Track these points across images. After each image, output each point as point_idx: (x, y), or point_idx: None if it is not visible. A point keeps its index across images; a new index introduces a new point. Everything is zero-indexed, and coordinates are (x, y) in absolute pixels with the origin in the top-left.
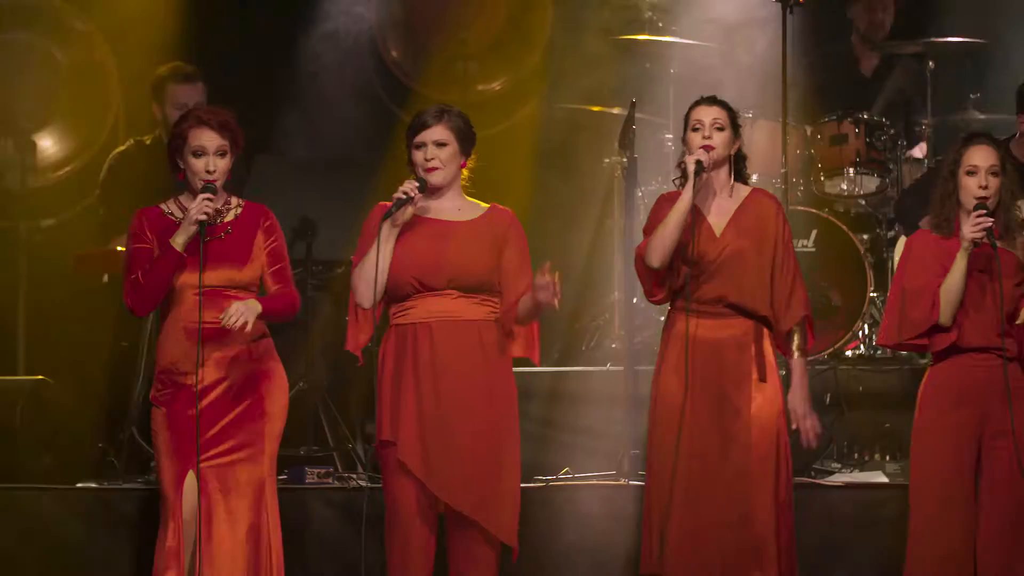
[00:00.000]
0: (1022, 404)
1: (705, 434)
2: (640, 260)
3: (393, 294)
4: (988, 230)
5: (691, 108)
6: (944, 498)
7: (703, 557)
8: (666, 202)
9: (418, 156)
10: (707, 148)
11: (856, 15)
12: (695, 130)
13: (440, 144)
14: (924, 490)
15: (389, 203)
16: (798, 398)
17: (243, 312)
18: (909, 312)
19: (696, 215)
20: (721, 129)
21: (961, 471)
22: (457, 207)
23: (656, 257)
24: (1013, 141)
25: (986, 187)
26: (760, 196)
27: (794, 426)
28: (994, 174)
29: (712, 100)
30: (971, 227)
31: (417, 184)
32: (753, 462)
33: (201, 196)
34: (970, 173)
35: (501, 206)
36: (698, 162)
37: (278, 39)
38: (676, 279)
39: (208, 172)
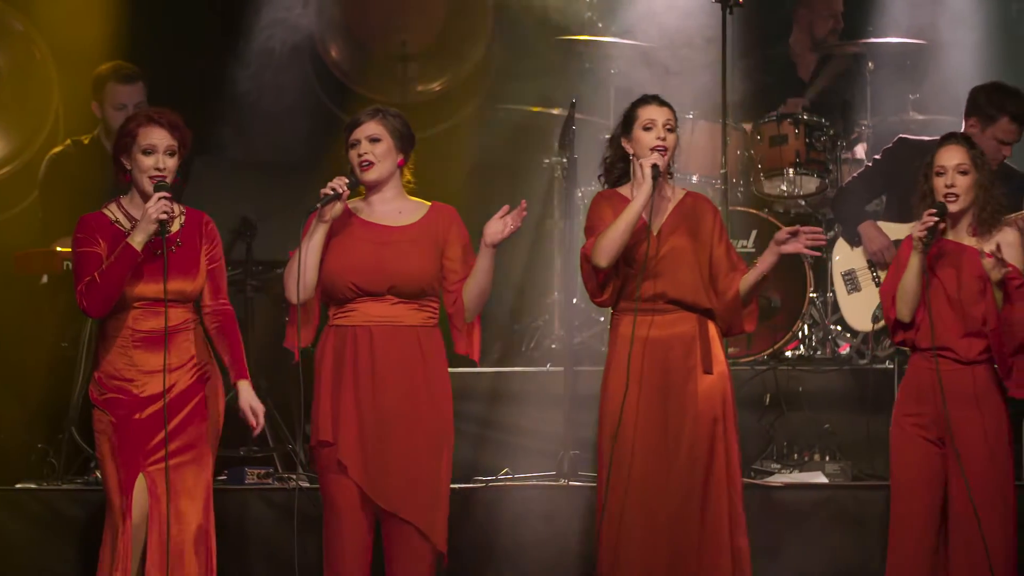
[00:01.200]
0: (987, 407)
1: (654, 431)
2: (586, 261)
3: (332, 297)
4: (931, 229)
5: (638, 106)
6: (913, 496)
7: (657, 554)
8: (604, 201)
9: (352, 155)
10: (661, 151)
11: (812, 21)
12: (647, 129)
13: (373, 139)
14: (897, 488)
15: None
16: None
17: (259, 411)
18: (885, 316)
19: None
20: (672, 130)
21: (928, 470)
22: (398, 210)
23: (604, 257)
24: None
25: (952, 186)
26: (696, 197)
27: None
28: (963, 172)
29: (661, 100)
30: (918, 226)
31: (347, 181)
32: (700, 456)
33: (158, 195)
34: (938, 173)
35: (442, 204)
36: (654, 166)
37: (217, 39)
38: (618, 280)
39: (158, 170)
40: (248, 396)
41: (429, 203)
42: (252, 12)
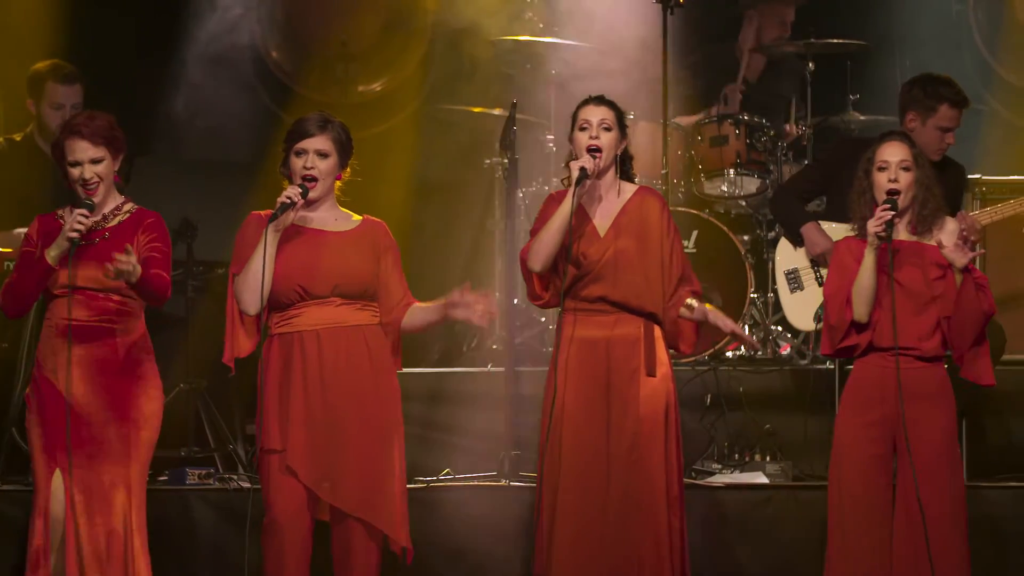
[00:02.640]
0: (943, 406)
1: (595, 432)
2: (523, 263)
3: (276, 303)
4: (889, 223)
5: (579, 107)
6: (860, 496)
7: (594, 557)
8: (553, 202)
9: (297, 163)
10: (593, 152)
11: (761, 25)
12: (582, 130)
13: (322, 154)
14: (842, 488)
15: (262, 212)
16: (721, 318)
17: (133, 264)
18: (828, 319)
19: (581, 216)
20: (608, 129)
21: (877, 469)
22: (334, 217)
23: (537, 261)
24: None
25: (896, 181)
26: (645, 194)
27: (727, 330)
28: (905, 169)
29: (600, 100)
30: (874, 222)
31: (300, 190)
32: (641, 458)
33: (76, 212)
34: (881, 168)
35: (373, 218)
36: (582, 169)
37: (158, 39)
38: (559, 280)
39: (84, 180)
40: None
41: (360, 217)
42: (193, 12)
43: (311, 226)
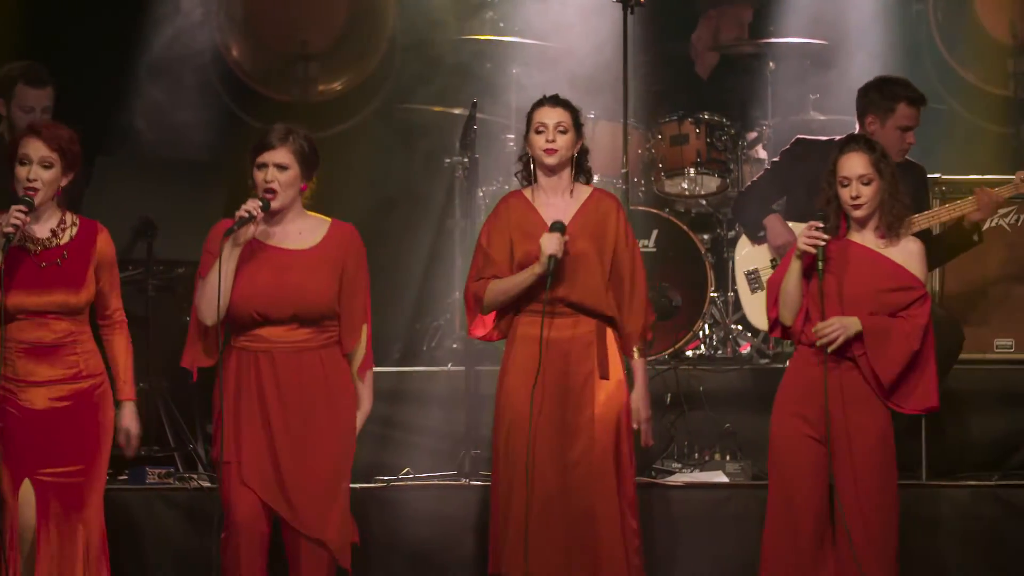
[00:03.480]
0: (869, 408)
1: (550, 433)
2: (477, 301)
3: (234, 323)
4: (821, 250)
5: (534, 108)
6: (794, 494)
7: (549, 556)
8: (503, 210)
9: (259, 176)
10: (550, 153)
11: (719, 26)
12: (539, 132)
13: (281, 167)
14: (775, 490)
15: (231, 220)
16: (640, 400)
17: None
18: (768, 310)
19: (534, 219)
20: (564, 132)
21: (810, 467)
22: (299, 230)
23: (493, 307)
24: None
25: (858, 197)
26: (601, 196)
27: (636, 426)
28: (866, 183)
29: (555, 101)
30: (804, 238)
31: (260, 203)
32: (597, 460)
33: (13, 208)
34: (843, 184)
35: (342, 222)
36: (551, 256)
37: (118, 38)
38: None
39: (28, 181)
40: (127, 417)
41: (329, 220)
42: (154, 12)
43: (273, 243)
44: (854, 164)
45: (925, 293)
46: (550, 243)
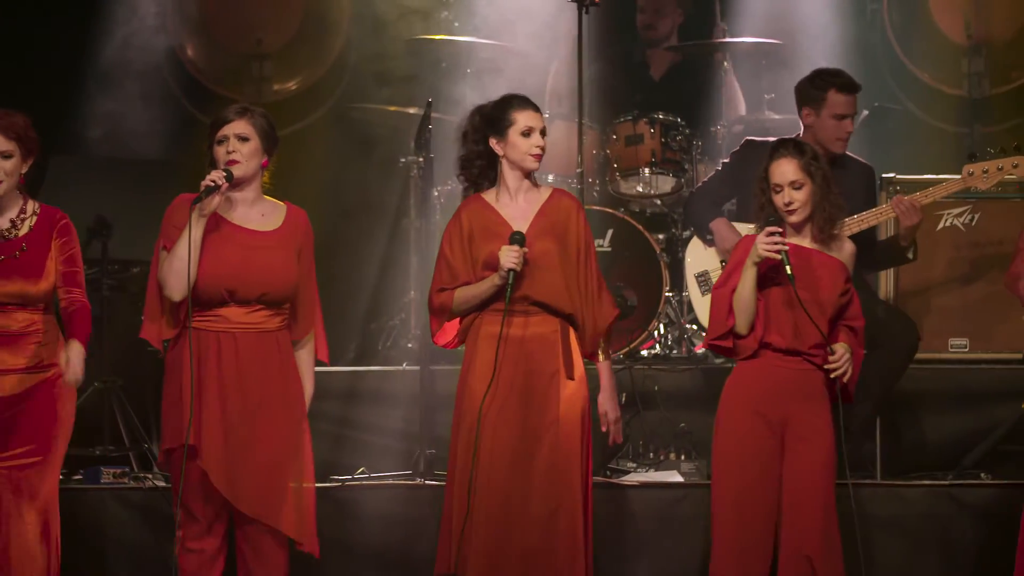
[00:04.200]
0: (823, 407)
1: (513, 433)
2: (443, 311)
3: (199, 300)
4: (785, 254)
5: (515, 110)
6: (744, 497)
7: (508, 556)
8: (464, 216)
9: (220, 151)
10: (537, 156)
11: (650, 21)
12: (526, 135)
13: (242, 138)
14: (725, 486)
15: (191, 194)
16: (608, 400)
17: (77, 369)
18: (713, 315)
19: (496, 219)
20: (543, 135)
21: (762, 469)
22: (260, 212)
23: (460, 313)
24: (799, 138)
25: (791, 203)
26: (561, 196)
27: (604, 428)
28: (797, 188)
29: (536, 106)
30: (764, 244)
31: (224, 173)
32: (560, 459)
33: None
34: (775, 191)
35: (295, 206)
36: (511, 270)
37: (73, 37)
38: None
39: None
40: (73, 354)
41: (284, 203)
42: (108, 9)
43: (237, 222)
44: (784, 170)
45: (855, 292)
46: (508, 257)
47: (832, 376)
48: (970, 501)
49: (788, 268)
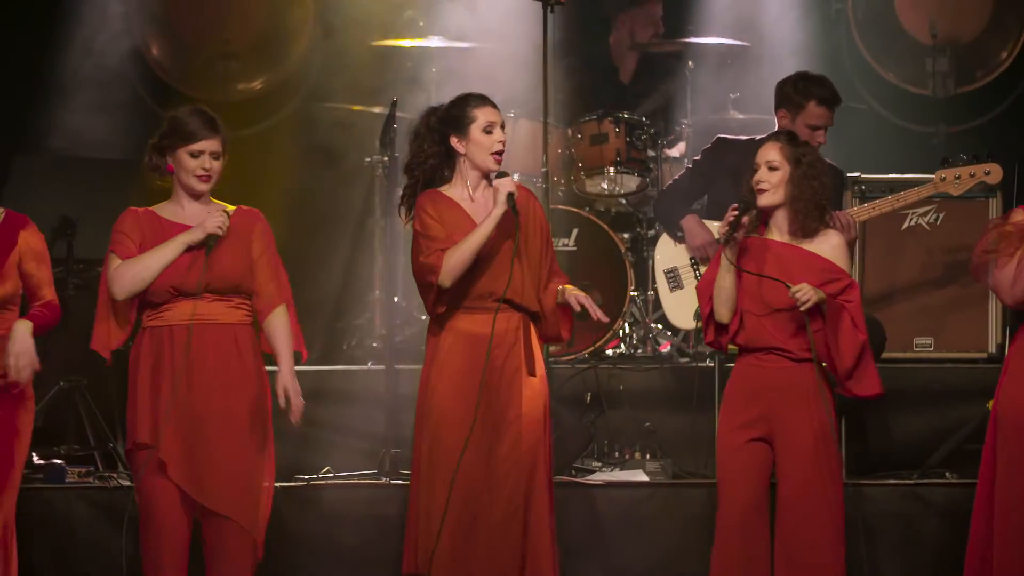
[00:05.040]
0: (817, 403)
1: (483, 433)
2: (431, 273)
3: (148, 299)
4: (732, 224)
5: (476, 107)
6: (740, 497)
7: (474, 554)
8: (429, 204)
9: (193, 163)
10: (499, 156)
11: (632, 28)
12: (488, 132)
13: (216, 156)
14: (724, 488)
15: (143, 209)
16: (573, 293)
17: (24, 357)
18: (701, 311)
19: (459, 215)
20: (502, 129)
21: (755, 470)
22: (207, 212)
23: (451, 279)
24: None
25: (760, 182)
26: (523, 193)
27: (578, 308)
28: (772, 168)
29: (493, 102)
30: (722, 222)
31: (222, 221)
32: (524, 456)
33: None
34: (753, 170)
35: (247, 207)
36: (510, 194)
37: (37, 37)
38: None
39: None
40: (17, 330)
41: (233, 207)
42: (73, 9)
43: (183, 222)
44: (767, 151)
45: (852, 282)
46: (506, 183)
47: (800, 308)
48: (935, 500)
49: (733, 234)
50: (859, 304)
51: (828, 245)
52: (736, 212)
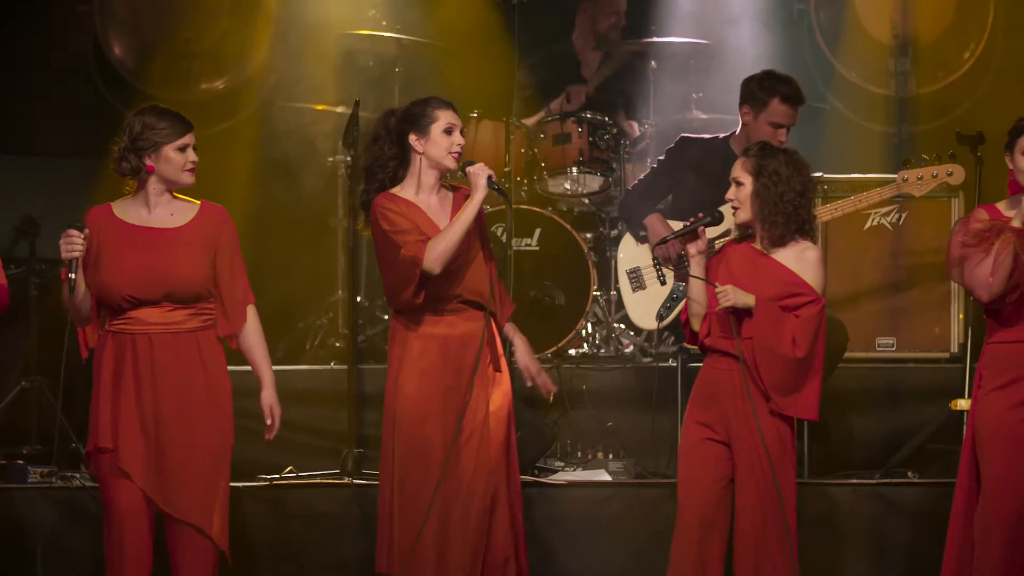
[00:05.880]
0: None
1: (447, 430)
2: (415, 265)
3: (107, 307)
4: (683, 230)
5: (437, 108)
6: (699, 493)
7: (447, 554)
8: (391, 203)
9: (181, 158)
10: (457, 156)
11: (595, 17)
12: (448, 132)
13: (194, 148)
14: (684, 485)
15: (102, 207)
16: (529, 358)
17: None
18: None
19: (420, 217)
20: (462, 134)
21: (713, 468)
22: (170, 212)
23: (439, 264)
24: (733, 137)
25: (731, 200)
26: (465, 192)
27: (529, 383)
28: (738, 184)
29: (451, 104)
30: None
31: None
32: (493, 455)
33: None
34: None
35: (211, 203)
36: (490, 177)
37: None
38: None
39: None
40: None
41: (198, 202)
42: (35, 7)
43: (144, 223)
44: (735, 168)
45: (816, 299)
46: (482, 168)
47: (717, 308)
48: (898, 500)
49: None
50: (811, 322)
51: (800, 258)
52: (693, 220)
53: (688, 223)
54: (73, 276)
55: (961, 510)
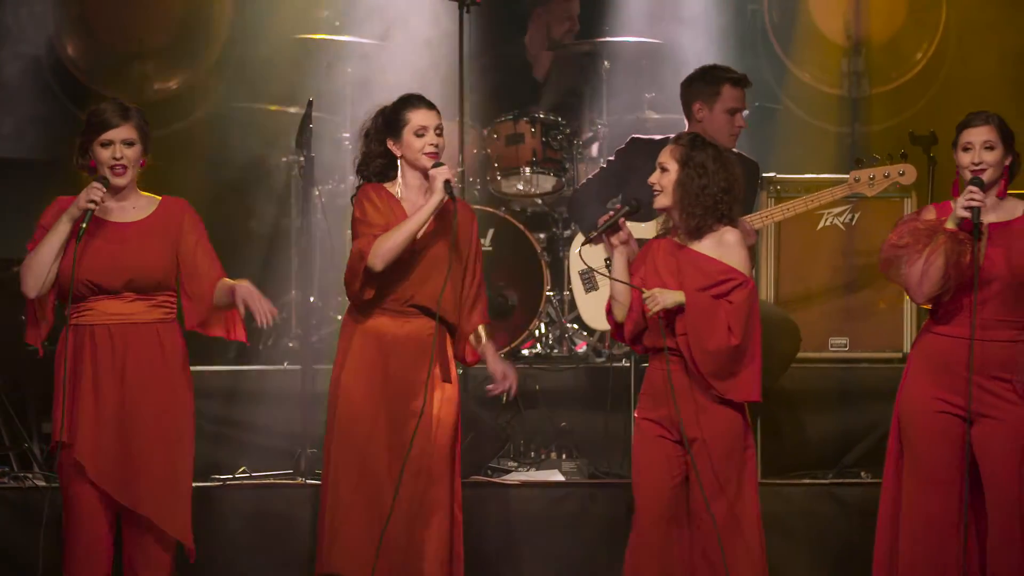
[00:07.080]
0: (725, 406)
1: (389, 433)
2: (361, 259)
3: (68, 296)
4: (607, 222)
5: (408, 110)
6: (655, 496)
7: (383, 555)
8: (372, 193)
9: (104, 154)
10: (431, 156)
11: (549, 22)
12: (419, 135)
13: (128, 143)
14: (638, 487)
15: (70, 197)
16: (499, 364)
17: None
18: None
19: (401, 213)
20: (440, 135)
21: (665, 464)
22: (132, 205)
23: (382, 262)
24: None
25: (653, 184)
26: (461, 206)
27: (498, 391)
28: (664, 170)
29: (430, 103)
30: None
31: (102, 187)
32: (433, 461)
33: None
34: None
35: (173, 197)
36: (447, 182)
37: None
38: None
39: None
40: None
41: (160, 197)
42: None
43: (106, 217)
44: (662, 153)
45: (745, 280)
46: (443, 172)
47: (648, 315)
48: (850, 499)
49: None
50: (743, 306)
51: (720, 243)
52: (615, 211)
53: (608, 216)
54: (84, 227)
55: (888, 502)
